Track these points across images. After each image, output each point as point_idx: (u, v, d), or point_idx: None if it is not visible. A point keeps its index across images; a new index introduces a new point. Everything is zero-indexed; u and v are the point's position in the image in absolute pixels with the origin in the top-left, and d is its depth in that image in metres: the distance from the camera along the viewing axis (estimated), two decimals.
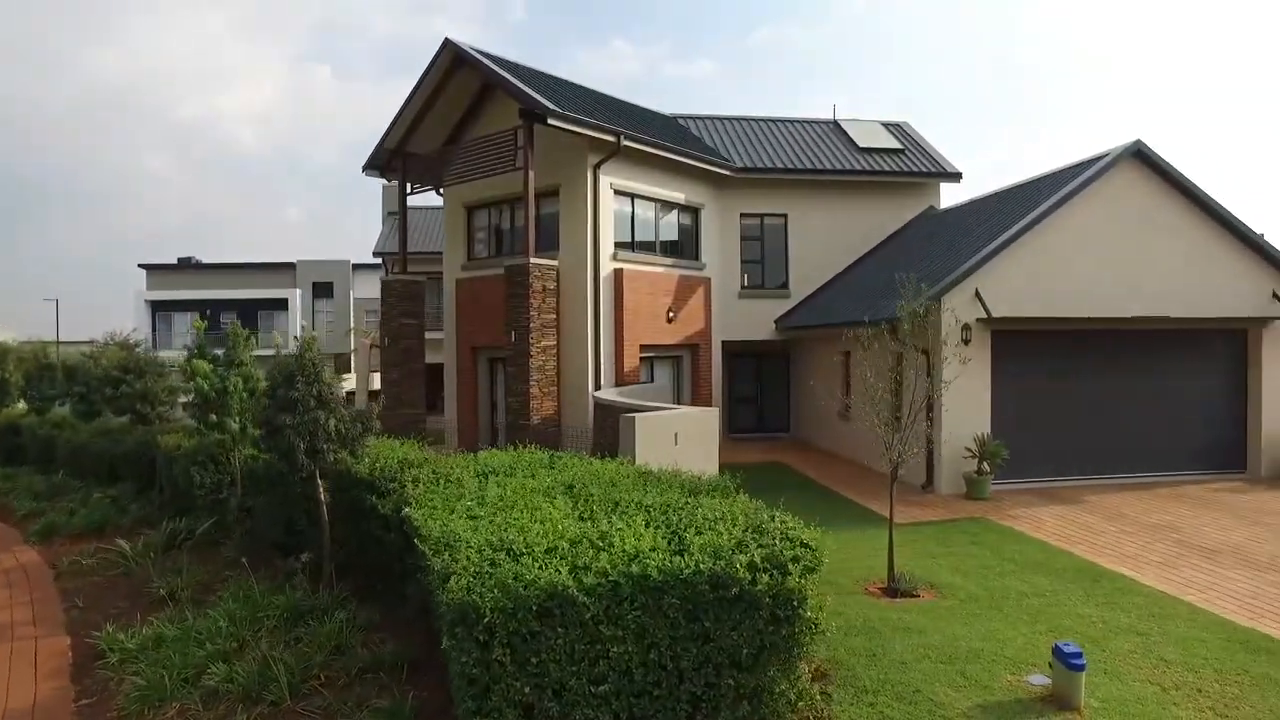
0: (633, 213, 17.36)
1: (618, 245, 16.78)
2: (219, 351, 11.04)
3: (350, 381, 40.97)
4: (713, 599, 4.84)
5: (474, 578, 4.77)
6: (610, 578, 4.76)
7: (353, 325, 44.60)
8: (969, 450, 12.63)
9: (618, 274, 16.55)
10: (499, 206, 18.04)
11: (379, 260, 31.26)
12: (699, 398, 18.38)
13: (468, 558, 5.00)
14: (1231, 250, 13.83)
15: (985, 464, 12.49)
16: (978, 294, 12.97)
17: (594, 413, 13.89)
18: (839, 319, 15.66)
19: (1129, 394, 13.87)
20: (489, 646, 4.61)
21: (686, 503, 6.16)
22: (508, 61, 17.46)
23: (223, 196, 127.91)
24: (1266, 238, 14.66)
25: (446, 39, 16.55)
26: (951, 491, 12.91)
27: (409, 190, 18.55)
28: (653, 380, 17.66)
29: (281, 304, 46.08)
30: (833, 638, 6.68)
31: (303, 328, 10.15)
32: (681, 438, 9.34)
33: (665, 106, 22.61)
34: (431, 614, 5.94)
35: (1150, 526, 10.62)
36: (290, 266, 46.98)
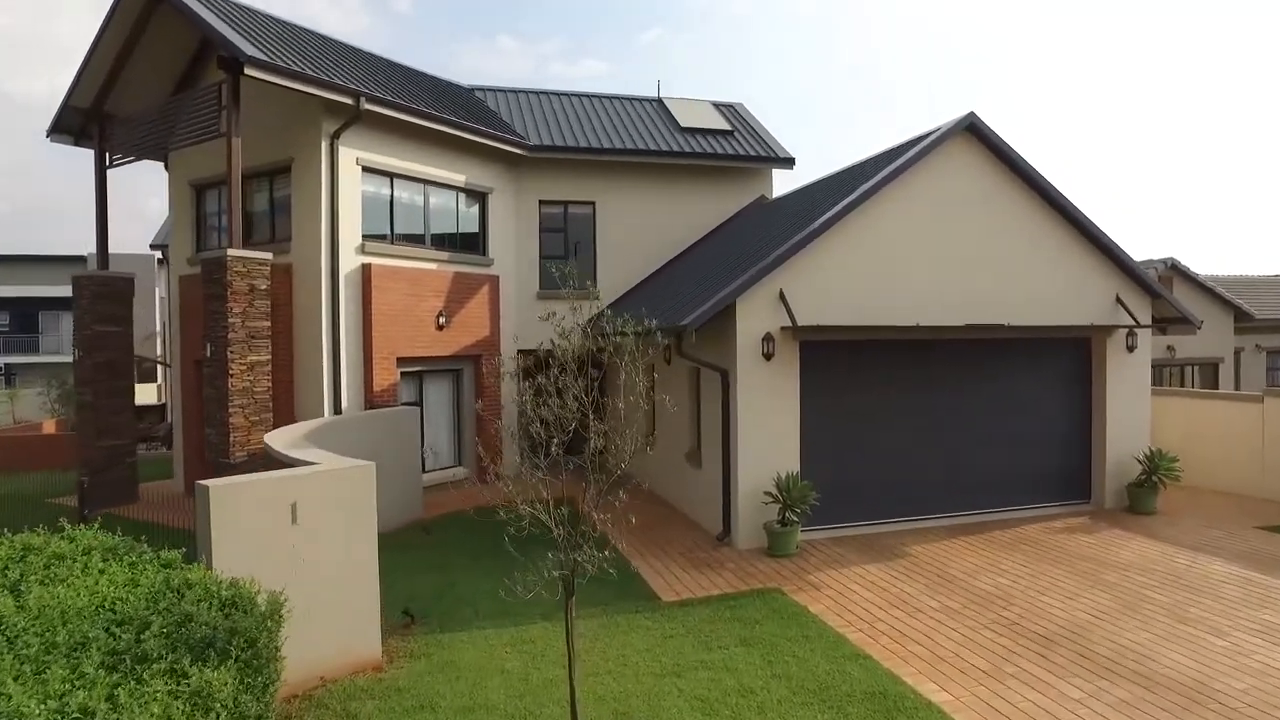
0: (392, 196, 14.09)
1: (369, 236, 13.50)
2: None
3: (152, 394, 35.92)
4: None
5: None
6: None
7: (158, 329, 39.21)
8: (769, 495, 10.06)
9: (366, 270, 13.27)
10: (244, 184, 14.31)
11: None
12: (485, 417, 15.27)
13: None
14: (1074, 247, 11.88)
15: (790, 512, 9.94)
16: (782, 296, 10.44)
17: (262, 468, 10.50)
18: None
19: (964, 416, 11.69)
20: None
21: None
22: (233, 2, 13.88)
23: (74, 183, 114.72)
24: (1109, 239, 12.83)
25: None
26: (751, 545, 10.32)
27: (109, 162, 14.61)
28: (420, 401, 14.46)
29: (68, 304, 39.86)
30: None
31: None
32: (306, 512, 6.22)
33: None
34: None
35: (979, 597, 8.26)
36: (81, 260, 40.75)
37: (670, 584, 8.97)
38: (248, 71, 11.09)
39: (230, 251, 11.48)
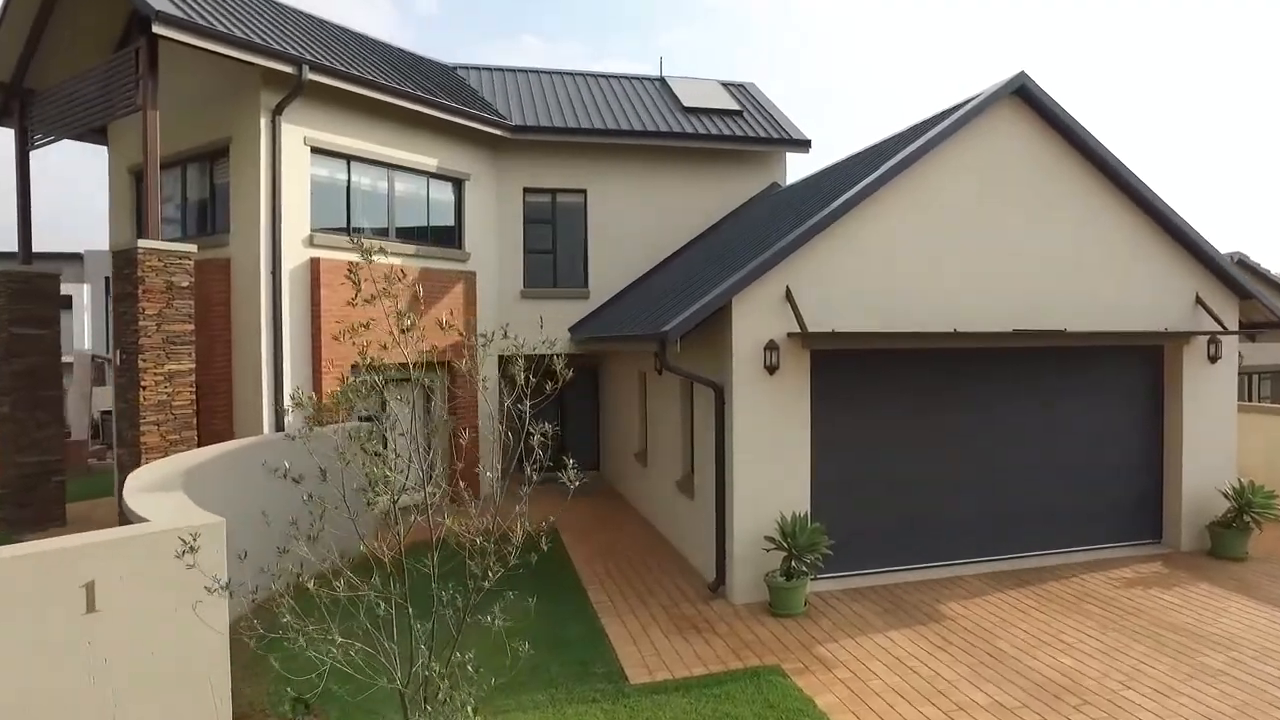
0: (349, 181, 12.38)
1: (320, 229, 11.79)
2: None
3: None
4: None
5: None
6: None
7: None
8: (771, 541, 8.19)
9: (314, 265, 11.57)
10: (185, 167, 12.61)
11: None
12: (458, 431, 13.53)
13: None
14: (1146, 237, 9.90)
15: (797, 562, 8.07)
16: (789, 296, 8.55)
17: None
18: (622, 331, 11.15)
19: (1010, 440, 9.75)
20: None
21: None
22: None
23: (91, 183, 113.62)
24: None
25: None
26: (749, 599, 8.45)
27: (31, 143, 12.99)
28: (384, 416, 12.70)
29: (65, 302, 38.74)
30: None
31: None
32: (114, 593, 4.48)
33: None
34: None
35: (1040, 687, 6.35)
36: (76, 258, 39.57)
37: (643, 655, 7.14)
38: (156, 29, 9.43)
39: (141, 243, 9.80)
